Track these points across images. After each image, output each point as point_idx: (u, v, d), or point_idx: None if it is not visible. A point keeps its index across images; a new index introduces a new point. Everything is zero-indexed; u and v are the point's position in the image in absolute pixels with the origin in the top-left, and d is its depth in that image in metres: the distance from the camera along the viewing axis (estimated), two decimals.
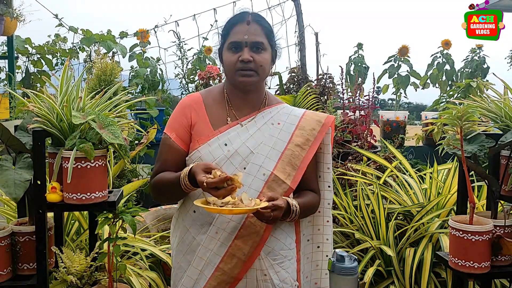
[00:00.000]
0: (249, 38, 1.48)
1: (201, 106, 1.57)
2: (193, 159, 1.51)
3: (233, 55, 1.49)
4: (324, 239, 1.67)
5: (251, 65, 1.48)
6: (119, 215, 1.69)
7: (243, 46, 1.48)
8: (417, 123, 8.33)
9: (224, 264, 1.47)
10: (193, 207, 1.52)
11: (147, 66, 4.81)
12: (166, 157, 1.55)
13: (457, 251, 1.64)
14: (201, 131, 1.53)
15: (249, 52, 1.48)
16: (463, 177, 1.77)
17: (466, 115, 1.61)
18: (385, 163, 3.16)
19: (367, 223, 2.79)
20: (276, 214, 1.37)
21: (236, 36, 1.49)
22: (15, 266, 1.67)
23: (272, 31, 1.56)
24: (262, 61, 1.50)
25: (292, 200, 1.46)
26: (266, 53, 1.52)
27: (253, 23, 1.50)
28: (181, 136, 1.54)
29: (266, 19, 1.58)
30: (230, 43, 1.50)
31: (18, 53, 4.71)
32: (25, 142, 1.63)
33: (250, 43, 1.48)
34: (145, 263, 2.38)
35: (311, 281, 1.69)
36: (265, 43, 1.51)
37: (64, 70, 1.69)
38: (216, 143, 1.51)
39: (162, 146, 1.58)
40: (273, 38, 1.57)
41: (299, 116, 1.59)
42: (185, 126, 1.55)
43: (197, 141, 1.53)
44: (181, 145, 1.54)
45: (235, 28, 1.50)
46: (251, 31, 1.49)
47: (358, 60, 5.85)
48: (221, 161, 1.49)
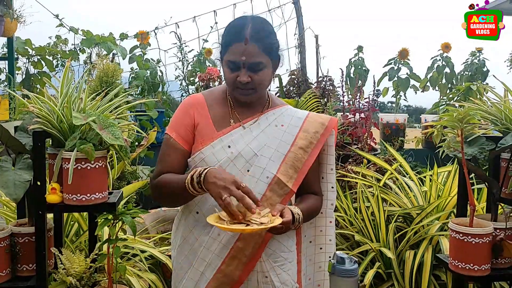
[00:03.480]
0: (247, 60, 1.43)
1: (204, 107, 1.55)
2: (196, 160, 1.50)
3: (231, 73, 1.46)
4: (327, 240, 1.66)
5: (250, 85, 1.46)
6: (119, 216, 1.69)
7: (241, 67, 1.44)
8: (416, 126, 8.33)
9: (226, 266, 1.47)
10: (196, 208, 1.52)
11: (147, 68, 4.81)
12: (168, 158, 1.53)
13: (457, 253, 1.64)
14: (204, 132, 1.52)
15: (247, 72, 1.44)
16: (463, 180, 1.77)
17: (466, 117, 1.61)
18: (385, 166, 3.17)
19: (367, 225, 2.78)
20: (286, 228, 1.38)
21: (233, 56, 1.44)
22: (15, 267, 1.67)
23: (272, 44, 1.49)
24: (260, 80, 1.47)
25: (295, 208, 1.44)
26: (266, 70, 1.47)
27: (251, 42, 1.42)
28: (184, 136, 1.52)
29: (266, 24, 1.50)
30: (228, 62, 1.46)
31: (18, 54, 4.71)
32: (25, 143, 1.63)
33: (248, 64, 1.44)
34: (144, 264, 2.38)
35: (314, 282, 1.68)
36: (264, 62, 1.46)
37: (65, 71, 1.69)
38: (219, 144, 1.50)
39: (164, 146, 1.55)
40: (274, 49, 1.50)
41: (302, 118, 1.57)
42: (188, 126, 1.53)
43: (200, 142, 1.51)
44: (184, 145, 1.52)
45: (232, 46, 1.44)
46: (249, 51, 1.42)
47: (358, 63, 5.86)
48: (224, 163, 1.47)
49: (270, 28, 1.51)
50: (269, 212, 1.37)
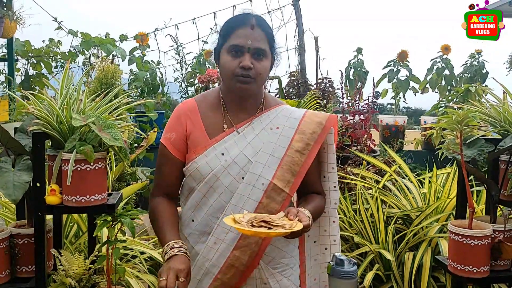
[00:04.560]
0: (252, 44, 1.42)
1: (196, 114, 1.52)
2: (190, 170, 1.49)
3: (233, 59, 1.43)
4: (331, 240, 1.63)
5: (251, 72, 1.43)
6: (118, 217, 1.69)
7: (245, 52, 1.42)
8: (416, 127, 8.33)
9: (223, 275, 1.45)
10: (191, 217, 1.51)
11: (147, 70, 4.81)
12: (164, 170, 1.54)
13: (456, 255, 1.64)
14: (197, 141, 1.50)
15: (250, 58, 1.42)
16: (462, 182, 1.77)
17: (465, 119, 1.61)
18: (385, 167, 3.17)
19: (366, 227, 2.78)
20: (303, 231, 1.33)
21: (239, 39, 1.42)
22: (14, 268, 1.67)
23: (273, 37, 1.51)
24: (261, 69, 1.44)
25: (304, 211, 1.40)
26: (267, 61, 1.46)
27: (257, 27, 1.44)
28: (177, 146, 1.51)
29: (267, 23, 1.52)
30: (232, 46, 1.43)
31: (18, 56, 4.71)
32: (24, 144, 1.63)
33: (253, 49, 1.42)
34: (144, 266, 2.38)
35: (320, 283, 1.65)
36: (266, 51, 1.46)
37: (65, 73, 1.69)
38: (212, 153, 1.47)
39: (160, 156, 1.56)
40: (274, 44, 1.51)
41: (298, 119, 1.53)
42: (180, 136, 1.51)
43: (194, 151, 1.49)
44: (178, 155, 1.52)
45: (238, 30, 1.43)
46: (254, 36, 1.42)
47: (358, 65, 5.86)
48: (218, 171, 1.45)
49: (271, 27, 1.53)
50: (284, 216, 1.34)
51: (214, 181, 1.46)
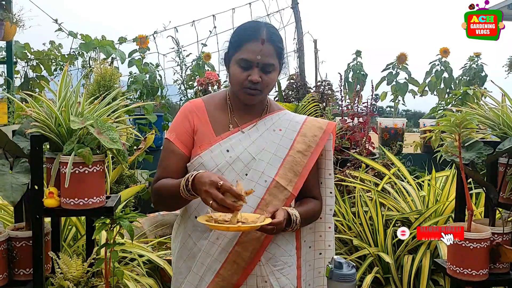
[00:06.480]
0: (262, 60, 1.45)
1: (203, 112, 1.56)
2: (195, 165, 1.51)
3: (242, 72, 1.47)
4: (326, 246, 1.67)
5: (258, 86, 1.47)
6: (117, 220, 1.69)
7: (254, 66, 1.46)
8: (415, 130, 8.34)
9: (224, 270, 1.47)
10: (194, 213, 1.52)
11: (146, 72, 4.81)
12: (168, 162, 1.54)
13: (455, 258, 1.64)
14: (203, 137, 1.53)
15: (259, 72, 1.46)
16: (461, 184, 1.77)
17: (464, 122, 1.61)
18: (384, 170, 3.17)
19: (365, 230, 2.78)
20: (278, 229, 1.38)
21: (248, 54, 1.45)
22: (11, 271, 1.66)
23: (283, 48, 1.54)
24: (269, 81, 1.49)
25: (292, 209, 1.45)
26: (275, 73, 1.51)
27: (267, 43, 1.46)
28: (183, 140, 1.53)
29: (277, 30, 1.55)
30: (241, 60, 1.46)
31: (17, 58, 4.71)
32: (23, 147, 1.63)
33: (262, 65, 1.46)
34: (142, 269, 2.37)
35: None
36: (275, 64, 1.49)
37: (63, 75, 1.69)
38: (218, 149, 1.51)
39: (164, 151, 1.56)
40: (283, 56, 1.55)
41: (300, 123, 1.59)
42: (187, 131, 1.54)
43: (199, 147, 1.52)
44: (183, 149, 1.53)
45: (249, 45, 1.46)
46: (264, 52, 1.45)
47: (357, 67, 5.87)
48: (222, 167, 1.48)
49: (280, 35, 1.55)
50: (263, 216, 1.38)
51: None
